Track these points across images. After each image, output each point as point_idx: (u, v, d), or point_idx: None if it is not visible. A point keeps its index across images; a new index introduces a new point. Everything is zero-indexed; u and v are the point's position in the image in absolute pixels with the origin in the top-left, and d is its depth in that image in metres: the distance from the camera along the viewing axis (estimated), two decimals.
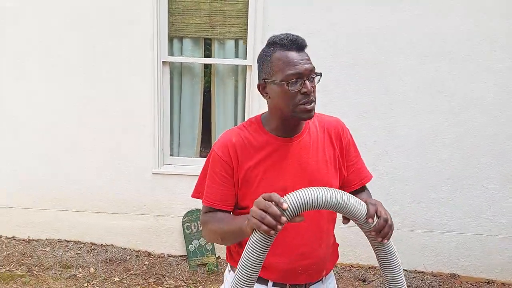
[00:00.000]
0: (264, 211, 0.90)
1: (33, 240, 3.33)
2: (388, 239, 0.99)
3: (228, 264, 1.34)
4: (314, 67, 1.15)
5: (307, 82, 1.12)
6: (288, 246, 1.20)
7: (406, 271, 3.12)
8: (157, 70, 3.05)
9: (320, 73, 1.17)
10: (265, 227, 0.89)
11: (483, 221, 3.02)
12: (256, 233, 0.92)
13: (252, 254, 0.93)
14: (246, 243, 0.96)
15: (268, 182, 1.18)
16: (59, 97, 3.12)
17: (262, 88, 1.20)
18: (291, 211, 0.91)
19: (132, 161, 3.18)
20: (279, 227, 0.89)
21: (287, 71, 1.11)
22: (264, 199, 0.92)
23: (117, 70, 3.07)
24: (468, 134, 2.94)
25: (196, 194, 1.30)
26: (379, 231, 0.97)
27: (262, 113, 1.28)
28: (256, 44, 2.97)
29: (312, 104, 1.14)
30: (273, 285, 1.24)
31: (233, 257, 1.30)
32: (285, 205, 0.89)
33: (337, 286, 1.43)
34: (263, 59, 1.18)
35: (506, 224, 3.00)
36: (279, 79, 1.12)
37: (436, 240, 3.08)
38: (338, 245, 1.39)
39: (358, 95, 2.96)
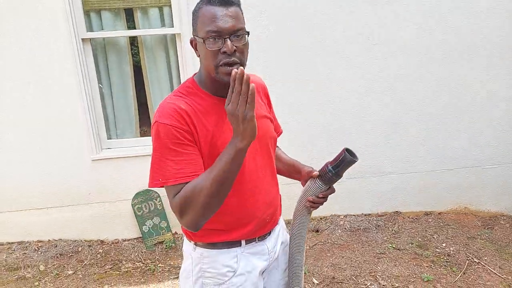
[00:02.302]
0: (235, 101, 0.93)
1: None
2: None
3: (191, 242, 1.22)
4: (241, 25, 1.03)
5: (227, 40, 1.01)
6: (256, 201, 1.18)
7: (354, 215, 3.24)
8: (77, 49, 2.72)
9: (248, 32, 1.05)
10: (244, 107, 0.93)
11: (417, 159, 3.16)
12: None
13: None
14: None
15: (225, 145, 1.06)
16: None
17: (193, 44, 1.10)
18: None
19: (68, 151, 2.89)
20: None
21: (207, 27, 1.01)
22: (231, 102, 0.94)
23: (34, 55, 2.70)
24: (399, 80, 2.99)
25: (156, 181, 1.04)
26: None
27: (194, 75, 1.16)
28: (181, 9, 2.73)
29: (234, 66, 1.02)
30: (246, 243, 1.21)
31: (196, 234, 1.19)
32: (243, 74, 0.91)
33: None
34: (193, 13, 1.08)
35: (437, 160, 3.16)
36: (201, 35, 1.03)
37: (378, 183, 3.19)
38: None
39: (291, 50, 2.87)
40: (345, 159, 1.08)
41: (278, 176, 1.33)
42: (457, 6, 2.84)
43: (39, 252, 2.95)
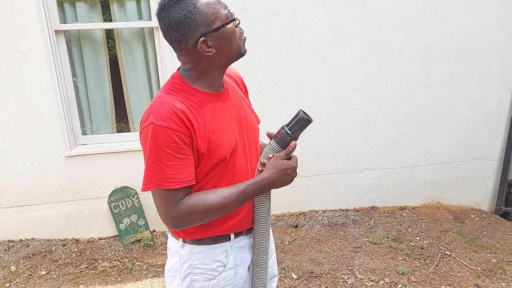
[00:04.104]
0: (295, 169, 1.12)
1: None
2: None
3: (179, 239, 1.17)
4: None
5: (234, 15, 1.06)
6: None
7: (332, 211, 3.25)
8: (50, 41, 2.57)
9: None
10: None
11: (392, 156, 3.20)
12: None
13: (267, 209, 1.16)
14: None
15: (221, 140, 1.06)
16: None
17: (204, 45, 1.01)
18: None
19: (41, 147, 2.74)
20: None
21: (223, 11, 1.01)
22: (287, 159, 1.11)
23: (5, 47, 2.53)
24: (375, 79, 3.00)
25: (149, 184, 1.00)
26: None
27: (178, 72, 1.09)
28: None
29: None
30: (235, 237, 1.19)
31: (186, 231, 1.15)
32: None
33: (272, 235, 1.44)
34: (190, 15, 0.98)
35: (412, 156, 3.21)
36: (223, 21, 1.01)
37: (355, 179, 3.20)
38: None
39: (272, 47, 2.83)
40: (300, 118, 1.08)
41: None
42: (430, 10, 2.87)
43: (10, 252, 2.79)
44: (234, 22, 1.03)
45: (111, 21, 2.78)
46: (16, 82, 2.61)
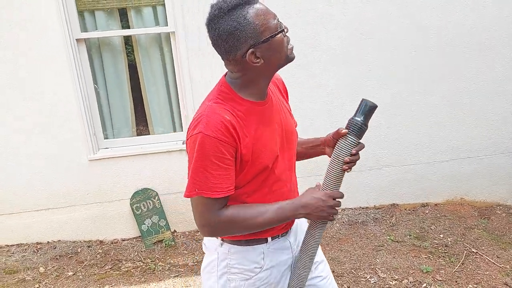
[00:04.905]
0: (333, 207, 1.08)
1: None
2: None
3: (218, 238, 1.19)
4: None
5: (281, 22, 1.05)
6: (285, 198, 1.19)
7: (352, 209, 3.18)
8: (71, 49, 2.63)
9: None
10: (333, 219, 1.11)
11: (412, 152, 3.10)
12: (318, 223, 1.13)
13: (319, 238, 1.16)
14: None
15: (264, 149, 1.07)
16: None
17: (252, 57, 1.00)
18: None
19: (64, 151, 2.80)
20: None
21: (272, 21, 1.00)
22: (333, 199, 1.08)
23: (29, 57, 2.61)
24: (392, 74, 2.93)
25: (193, 191, 1.02)
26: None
27: (225, 78, 1.09)
28: (175, 8, 2.65)
29: None
30: (271, 240, 1.20)
31: None
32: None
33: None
34: (240, 27, 0.96)
35: (432, 151, 3.11)
36: (272, 32, 1.00)
37: (375, 176, 3.13)
38: None
39: None
40: (368, 104, 1.09)
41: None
42: (446, 2, 2.78)
43: (39, 254, 2.86)
44: (282, 32, 1.02)
45: (129, 27, 2.83)
46: (40, 89, 2.68)
